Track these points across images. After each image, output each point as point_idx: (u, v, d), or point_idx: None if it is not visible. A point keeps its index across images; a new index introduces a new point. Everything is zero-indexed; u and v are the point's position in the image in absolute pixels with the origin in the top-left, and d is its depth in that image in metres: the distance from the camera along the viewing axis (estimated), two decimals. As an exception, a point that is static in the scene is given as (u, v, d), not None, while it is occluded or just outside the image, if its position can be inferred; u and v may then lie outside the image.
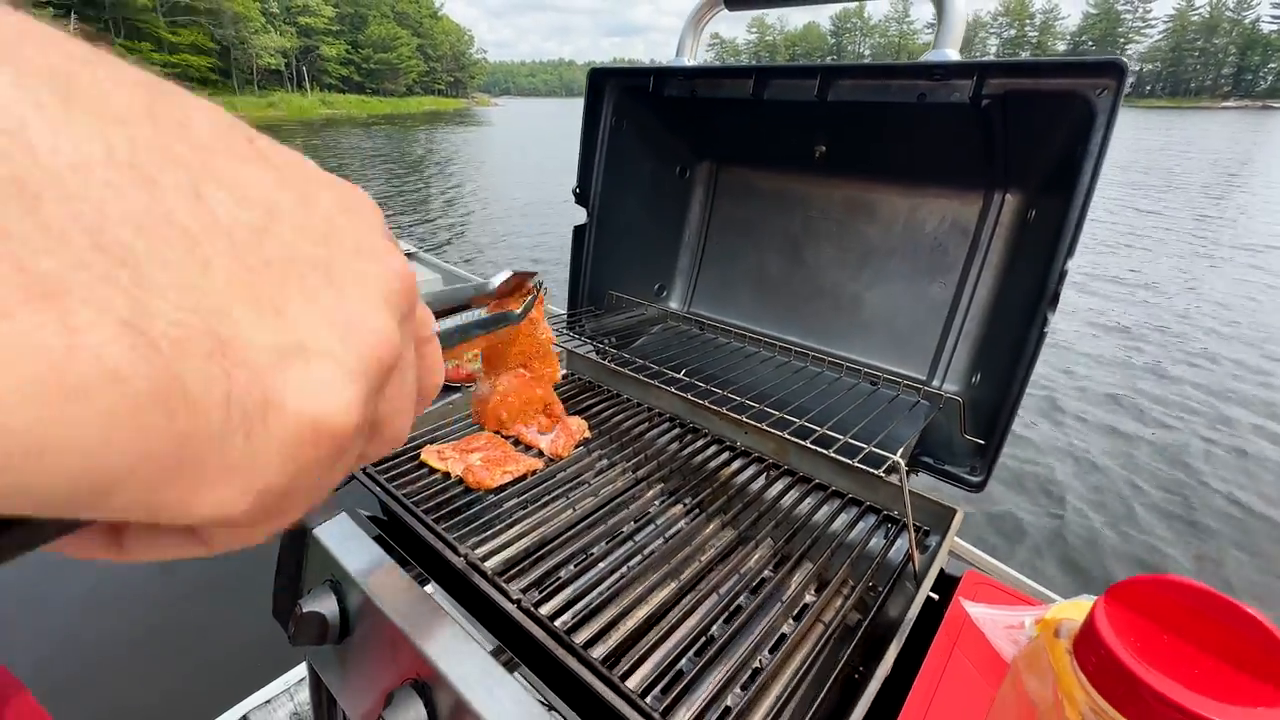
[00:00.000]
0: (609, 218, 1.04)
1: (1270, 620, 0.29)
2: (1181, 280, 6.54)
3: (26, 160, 0.11)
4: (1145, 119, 52.81)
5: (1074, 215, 0.60)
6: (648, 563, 0.66)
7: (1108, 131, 0.57)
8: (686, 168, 1.09)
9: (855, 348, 0.94)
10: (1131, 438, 3.55)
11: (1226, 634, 0.29)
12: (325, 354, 0.15)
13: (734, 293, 1.09)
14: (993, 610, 0.60)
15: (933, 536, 0.72)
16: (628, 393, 1.01)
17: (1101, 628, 0.31)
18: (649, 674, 0.54)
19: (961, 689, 0.52)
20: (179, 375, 0.12)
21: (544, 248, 7.78)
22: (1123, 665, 0.29)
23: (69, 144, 0.12)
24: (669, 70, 0.87)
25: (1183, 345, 4.88)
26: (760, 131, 0.96)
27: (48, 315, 0.11)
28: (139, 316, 0.12)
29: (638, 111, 0.98)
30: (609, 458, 0.85)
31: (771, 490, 0.81)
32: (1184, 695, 0.28)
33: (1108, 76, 0.56)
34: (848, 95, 0.74)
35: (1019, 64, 0.61)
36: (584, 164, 1.00)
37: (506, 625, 0.59)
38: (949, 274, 0.85)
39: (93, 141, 0.12)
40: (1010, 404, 0.67)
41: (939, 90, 0.67)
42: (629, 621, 0.59)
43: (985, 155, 0.74)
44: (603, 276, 1.07)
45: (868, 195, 0.90)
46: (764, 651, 0.58)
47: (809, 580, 0.66)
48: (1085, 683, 0.31)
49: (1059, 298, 0.61)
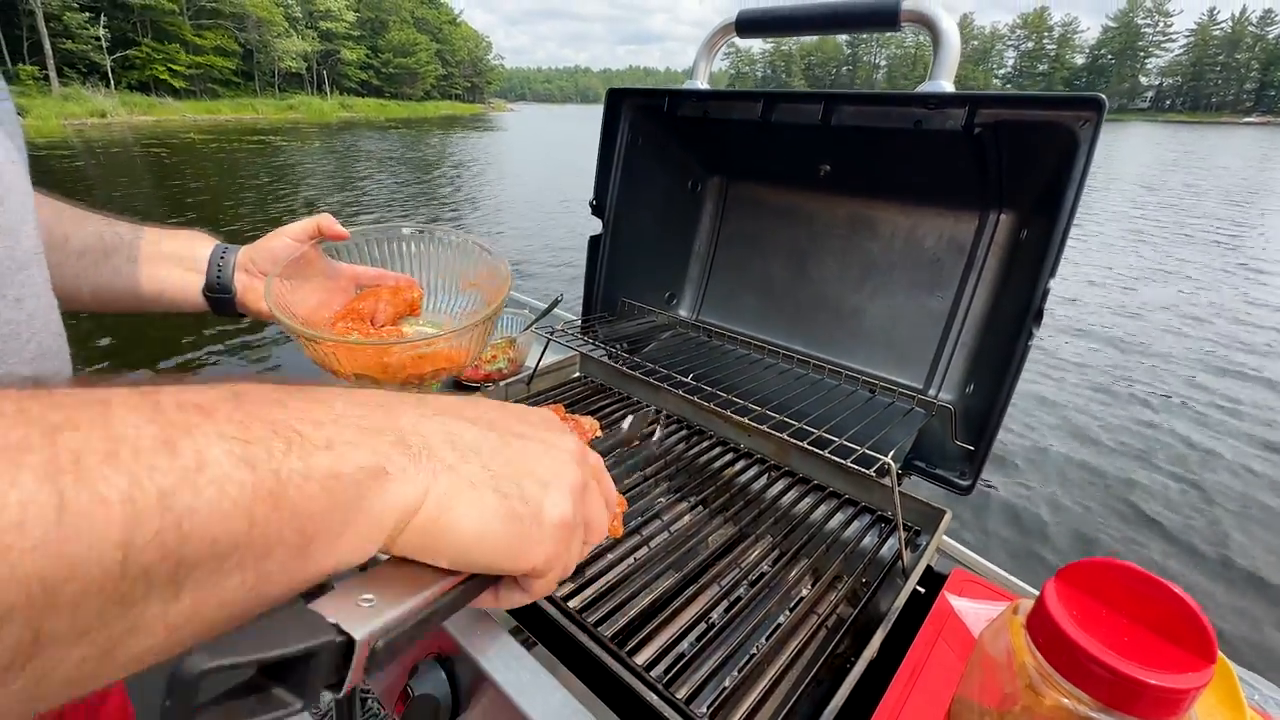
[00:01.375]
0: (623, 229, 1.09)
1: (1191, 597, 0.33)
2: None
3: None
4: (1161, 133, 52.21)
5: (1057, 236, 0.64)
6: (653, 554, 0.71)
7: (1088, 159, 0.61)
8: (698, 182, 1.14)
9: (856, 356, 0.99)
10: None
11: (1156, 609, 0.34)
12: (557, 486, 0.34)
13: (741, 302, 1.14)
14: (976, 604, 0.64)
15: (923, 535, 0.76)
16: (638, 395, 1.06)
17: (1050, 603, 0.35)
18: (653, 654, 0.59)
19: (942, 674, 0.56)
20: (513, 508, 0.31)
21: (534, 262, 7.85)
22: (1065, 635, 0.33)
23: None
24: (683, 92, 0.93)
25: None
26: (768, 150, 1.01)
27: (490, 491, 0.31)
28: (496, 482, 0.32)
29: (653, 129, 1.04)
30: (618, 456, 0.90)
31: (772, 490, 0.85)
32: (1115, 659, 0.32)
33: (1089, 110, 0.60)
34: (850, 120, 0.79)
35: (1008, 97, 0.66)
36: (600, 178, 1.05)
37: (524, 606, 0.64)
38: (946, 288, 0.89)
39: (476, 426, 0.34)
40: (997, 413, 0.71)
41: (934, 118, 0.72)
42: (636, 606, 0.64)
43: (980, 177, 0.79)
44: (616, 284, 1.13)
45: (869, 212, 0.95)
46: (760, 638, 0.63)
47: (805, 574, 0.71)
48: (1034, 650, 0.35)
49: (1043, 314, 0.65)
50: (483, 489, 0.30)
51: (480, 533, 0.30)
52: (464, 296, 0.69)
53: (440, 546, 0.29)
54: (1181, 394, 4.35)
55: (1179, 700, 0.31)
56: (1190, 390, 4.42)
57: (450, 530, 0.29)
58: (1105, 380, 4.51)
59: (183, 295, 0.72)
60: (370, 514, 0.26)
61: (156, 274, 0.71)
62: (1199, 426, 3.89)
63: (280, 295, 0.58)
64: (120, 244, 0.69)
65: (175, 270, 0.71)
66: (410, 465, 0.28)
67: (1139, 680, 0.31)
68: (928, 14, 0.70)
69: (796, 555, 0.73)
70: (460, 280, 0.70)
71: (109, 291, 0.68)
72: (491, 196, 11.66)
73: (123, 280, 0.68)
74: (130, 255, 0.69)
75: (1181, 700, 0.31)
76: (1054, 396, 4.20)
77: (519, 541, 0.31)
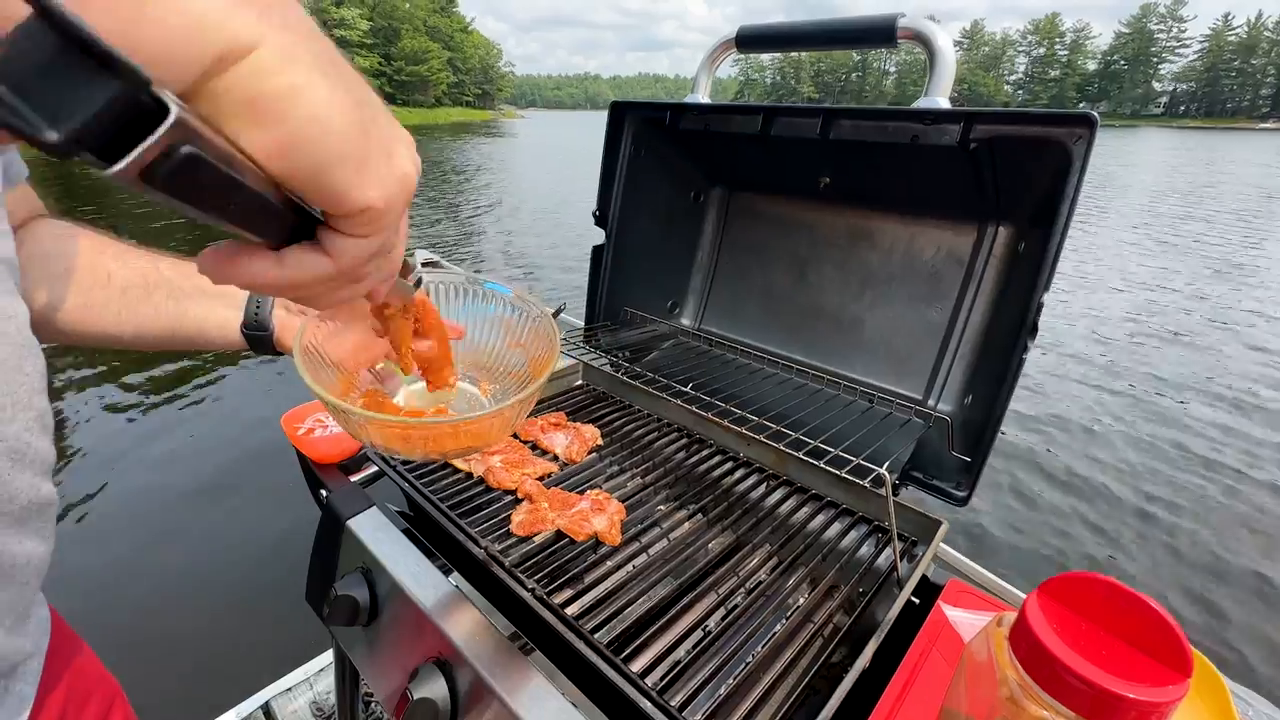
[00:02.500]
0: (626, 239, 1.11)
1: (1167, 611, 0.34)
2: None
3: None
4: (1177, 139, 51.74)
5: (1051, 251, 0.65)
6: (651, 561, 0.72)
7: (1081, 175, 0.62)
8: (700, 193, 1.16)
9: (856, 367, 1.00)
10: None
11: (1133, 622, 0.34)
12: (406, 144, 0.29)
13: (742, 311, 1.15)
14: (970, 615, 0.64)
15: (920, 545, 0.76)
16: (639, 404, 1.08)
17: (1031, 617, 0.36)
18: (649, 661, 0.60)
19: (934, 684, 0.56)
20: (363, 116, 0.26)
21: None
22: (1045, 648, 0.34)
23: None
24: (685, 106, 0.94)
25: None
26: (769, 162, 1.03)
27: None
28: (348, 86, 0.26)
29: (655, 142, 1.05)
30: (619, 464, 0.91)
31: (770, 499, 0.86)
32: (1094, 673, 0.33)
33: (1082, 127, 0.61)
34: (848, 135, 0.80)
35: (1003, 113, 0.66)
36: (604, 188, 1.07)
37: (523, 612, 0.65)
38: (945, 300, 0.90)
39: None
40: (993, 425, 0.72)
41: (930, 133, 0.72)
42: (633, 614, 0.65)
43: (977, 191, 0.80)
44: (619, 294, 1.14)
45: (869, 224, 0.96)
46: (756, 646, 0.64)
47: (802, 583, 0.72)
48: (1015, 663, 0.36)
49: (1037, 328, 0.66)
50: (334, 80, 0.24)
51: (324, 116, 0.24)
52: (510, 355, 0.62)
53: (268, 113, 0.22)
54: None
55: (1155, 713, 0.32)
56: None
57: (287, 98, 0.23)
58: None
59: (222, 333, 0.70)
60: (179, 11, 0.20)
61: (197, 311, 0.68)
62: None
63: (314, 340, 0.51)
64: (162, 280, 0.66)
65: (216, 307, 0.69)
66: (253, 11, 0.22)
67: (1116, 694, 0.32)
68: (924, 31, 0.71)
69: (794, 564, 0.73)
70: (507, 337, 0.63)
71: (150, 331, 0.66)
72: (502, 198, 11.77)
73: (164, 318, 0.66)
74: (171, 292, 0.67)
75: (1157, 713, 0.32)
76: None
77: (362, 155, 0.25)
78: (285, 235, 0.26)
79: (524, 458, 0.87)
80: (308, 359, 0.48)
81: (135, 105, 0.18)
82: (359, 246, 0.27)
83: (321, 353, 0.51)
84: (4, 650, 0.50)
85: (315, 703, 1.67)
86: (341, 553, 0.79)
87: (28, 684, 0.56)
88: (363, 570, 0.74)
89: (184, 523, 2.72)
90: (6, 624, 0.50)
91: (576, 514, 0.75)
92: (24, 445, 0.49)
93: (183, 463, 3.14)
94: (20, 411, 0.48)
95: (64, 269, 0.61)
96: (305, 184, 0.24)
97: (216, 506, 2.82)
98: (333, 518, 0.79)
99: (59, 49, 0.16)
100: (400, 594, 0.69)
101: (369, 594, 0.73)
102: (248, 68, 0.22)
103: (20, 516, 0.49)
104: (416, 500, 0.80)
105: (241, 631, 2.14)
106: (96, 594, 2.28)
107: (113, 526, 2.67)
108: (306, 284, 0.27)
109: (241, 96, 0.22)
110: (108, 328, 0.64)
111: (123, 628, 2.11)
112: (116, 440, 3.34)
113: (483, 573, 0.70)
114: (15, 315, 0.50)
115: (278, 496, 2.83)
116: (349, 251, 0.27)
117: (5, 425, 0.47)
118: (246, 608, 2.25)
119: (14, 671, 0.53)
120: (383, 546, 0.74)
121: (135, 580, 2.38)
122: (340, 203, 0.25)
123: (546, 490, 0.80)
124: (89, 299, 0.63)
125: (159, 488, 2.94)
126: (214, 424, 3.57)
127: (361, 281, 0.30)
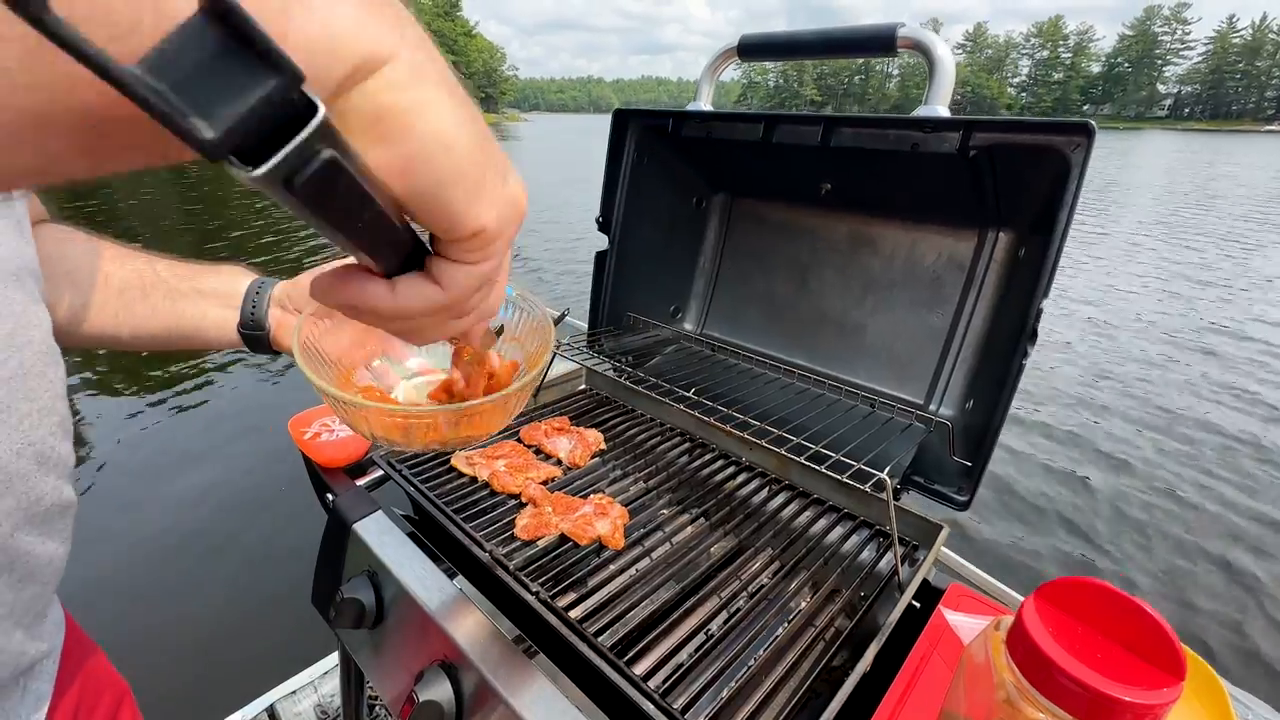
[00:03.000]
0: (629, 244, 1.12)
1: (1162, 616, 0.34)
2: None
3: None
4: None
5: (1050, 257, 0.65)
6: (654, 565, 0.73)
7: (1079, 182, 0.62)
8: (702, 199, 1.17)
9: (858, 372, 1.00)
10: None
11: (1128, 626, 0.35)
12: (518, 178, 0.28)
13: (745, 316, 1.16)
14: (971, 619, 0.65)
15: (921, 550, 0.77)
16: (642, 408, 1.08)
17: (1028, 620, 0.36)
18: (652, 664, 0.60)
19: (935, 687, 0.57)
20: (484, 139, 0.25)
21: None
22: (1041, 651, 0.35)
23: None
24: (687, 114, 0.95)
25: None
26: (771, 169, 1.03)
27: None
28: (471, 112, 0.25)
29: (658, 148, 1.06)
30: (622, 468, 0.92)
31: (772, 503, 0.86)
32: (1089, 676, 0.33)
33: (1080, 135, 0.62)
34: (849, 142, 0.81)
35: (1002, 122, 0.67)
36: (606, 194, 1.08)
37: (527, 615, 0.66)
38: (946, 305, 0.91)
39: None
40: (994, 430, 0.72)
41: (930, 140, 0.73)
42: (636, 617, 0.66)
43: (977, 198, 0.80)
44: (622, 299, 1.15)
45: (870, 230, 0.97)
46: (759, 649, 0.64)
47: (804, 587, 0.72)
48: (1012, 666, 0.36)
49: (1037, 334, 0.66)
50: (457, 99, 0.24)
51: (451, 137, 0.23)
52: (506, 350, 0.64)
53: (394, 129, 0.22)
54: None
55: (1149, 715, 0.32)
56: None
57: (414, 113, 0.22)
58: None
59: (219, 333, 0.70)
60: (321, 22, 0.19)
61: (193, 311, 0.69)
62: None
63: (311, 337, 0.52)
64: (158, 281, 0.67)
65: (213, 307, 0.70)
66: (381, 18, 0.21)
67: (1111, 696, 0.33)
68: (923, 40, 0.71)
69: (796, 568, 0.74)
70: (507, 334, 0.64)
71: (147, 330, 0.67)
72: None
73: (159, 318, 0.67)
74: (168, 292, 0.67)
75: (1151, 715, 0.32)
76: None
77: (480, 177, 0.25)
78: (400, 262, 0.26)
79: (528, 462, 0.88)
80: (306, 354, 0.48)
81: (288, 104, 0.18)
82: (469, 275, 0.27)
83: (318, 349, 0.52)
84: (24, 649, 0.51)
85: (320, 705, 1.67)
86: (348, 556, 0.80)
87: (45, 682, 0.57)
88: (369, 574, 0.75)
89: (187, 526, 2.73)
90: (26, 623, 0.51)
91: (580, 518, 0.76)
92: (48, 449, 0.50)
93: (187, 464, 3.16)
94: (45, 417, 0.50)
95: (64, 271, 0.62)
96: (423, 203, 0.24)
97: (222, 512, 2.84)
98: (339, 521, 0.80)
99: (223, 45, 0.16)
100: (406, 597, 0.69)
101: (375, 597, 0.73)
102: (381, 81, 0.21)
103: (44, 518, 0.50)
104: (422, 504, 0.81)
105: (246, 632, 2.16)
106: (97, 595, 2.30)
107: (113, 527, 2.69)
108: (417, 313, 0.27)
109: (371, 111, 0.22)
110: (105, 328, 0.65)
111: (130, 628, 2.13)
112: (119, 440, 3.36)
113: (487, 576, 0.71)
114: (40, 323, 0.51)
115: (280, 496, 2.85)
116: (459, 280, 0.27)
117: (31, 430, 0.48)
118: (251, 610, 2.26)
119: (32, 670, 0.55)
120: (388, 550, 0.74)
121: (136, 581, 2.39)
122: (456, 224, 0.25)
123: (550, 495, 0.81)
124: (87, 300, 0.64)
125: (163, 491, 2.96)
126: (217, 422, 3.60)
127: (466, 316, 0.30)
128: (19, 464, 0.47)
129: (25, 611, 0.51)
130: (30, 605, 0.51)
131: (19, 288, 0.50)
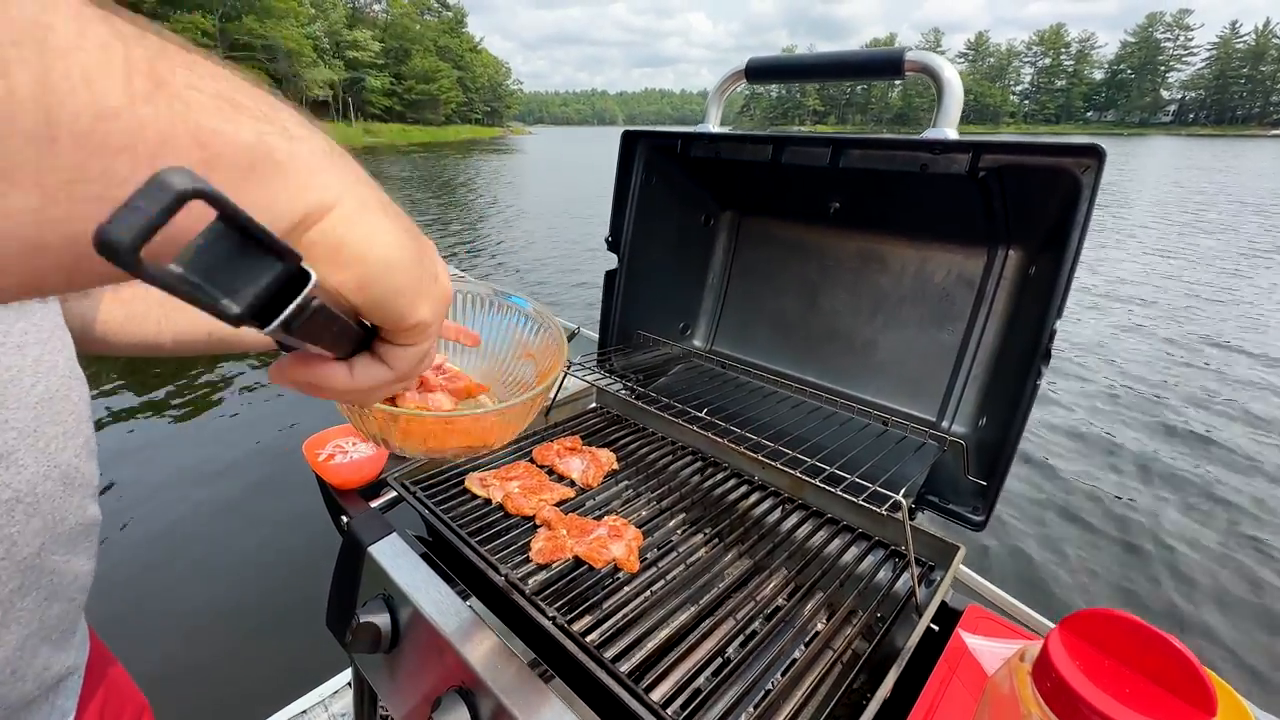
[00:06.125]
0: (638, 262, 1.12)
1: (1188, 648, 0.34)
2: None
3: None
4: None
5: (1063, 278, 0.65)
6: (670, 587, 0.72)
7: (1091, 204, 0.63)
8: (711, 217, 1.17)
9: (869, 389, 1.00)
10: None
11: (1154, 659, 0.35)
12: (444, 269, 0.33)
13: (754, 333, 1.16)
14: (990, 642, 0.64)
15: (937, 571, 0.76)
16: (653, 427, 1.08)
17: (1054, 653, 0.36)
18: (670, 689, 0.60)
19: (956, 713, 0.56)
20: (418, 251, 0.30)
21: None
22: (1068, 685, 0.35)
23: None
24: (696, 135, 0.96)
25: None
26: (779, 188, 1.04)
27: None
28: (405, 227, 0.30)
29: (667, 168, 1.07)
30: (635, 488, 0.92)
31: (786, 523, 0.86)
32: (1116, 710, 0.33)
33: (1090, 157, 0.62)
34: (858, 163, 0.81)
35: (1011, 144, 0.68)
36: (616, 214, 1.09)
37: (543, 640, 0.66)
38: (957, 322, 0.91)
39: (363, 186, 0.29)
40: (1009, 448, 0.72)
41: (939, 162, 0.74)
42: (652, 641, 0.66)
43: (986, 217, 0.81)
44: (631, 317, 1.15)
45: (879, 247, 0.97)
46: (776, 674, 0.64)
47: (820, 609, 0.72)
48: (1039, 699, 0.36)
49: (1050, 354, 0.66)
50: (394, 219, 0.29)
51: (391, 259, 0.28)
52: (520, 366, 0.64)
53: (350, 256, 0.26)
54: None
55: (1180, 752, 0.32)
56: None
57: (365, 241, 0.27)
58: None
59: (256, 335, 0.72)
60: (284, 178, 0.24)
61: None
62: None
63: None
64: None
65: None
66: (328, 169, 0.26)
67: (1141, 732, 0.32)
68: (931, 64, 0.72)
69: (811, 589, 0.74)
70: (520, 349, 0.65)
71: (189, 336, 0.69)
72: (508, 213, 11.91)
73: (202, 324, 0.69)
74: None
75: (1182, 752, 0.32)
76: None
77: (418, 283, 0.30)
78: (353, 349, 0.31)
79: (541, 483, 0.88)
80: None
81: (289, 276, 0.22)
82: (412, 354, 0.32)
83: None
84: (51, 664, 0.52)
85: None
86: (363, 579, 0.80)
87: (69, 699, 0.58)
88: (384, 597, 0.75)
89: (197, 533, 2.74)
90: (54, 639, 0.52)
91: (595, 541, 0.76)
92: (74, 470, 0.51)
93: (203, 477, 3.18)
94: (70, 439, 0.51)
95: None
96: (375, 308, 0.29)
97: (237, 520, 2.85)
98: (354, 544, 0.80)
99: (240, 244, 0.20)
100: (422, 621, 0.70)
101: (391, 621, 0.73)
102: (335, 218, 0.26)
103: (71, 536, 0.51)
104: (436, 526, 0.81)
105: (259, 650, 2.15)
106: (114, 610, 2.30)
107: (129, 539, 2.70)
108: (370, 388, 0.33)
109: (331, 243, 0.26)
110: (148, 337, 0.67)
111: (147, 646, 2.13)
112: (134, 455, 3.38)
113: (502, 599, 0.71)
114: (65, 347, 0.52)
115: (283, 499, 2.86)
116: (405, 359, 0.32)
117: (58, 453, 0.49)
118: (265, 629, 2.26)
119: (58, 686, 0.55)
120: (403, 573, 0.75)
121: (152, 597, 2.40)
122: (402, 321, 0.30)
123: (564, 516, 0.81)
124: (130, 310, 0.66)
125: (180, 501, 2.98)
126: (235, 438, 3.62)
127: (411, 379, 0.35)
128: (46, 485, 0.48)
129: (54, 628, 0.52)
130: (58, 622, 0.52)
131: (45, 312, 0.51)
